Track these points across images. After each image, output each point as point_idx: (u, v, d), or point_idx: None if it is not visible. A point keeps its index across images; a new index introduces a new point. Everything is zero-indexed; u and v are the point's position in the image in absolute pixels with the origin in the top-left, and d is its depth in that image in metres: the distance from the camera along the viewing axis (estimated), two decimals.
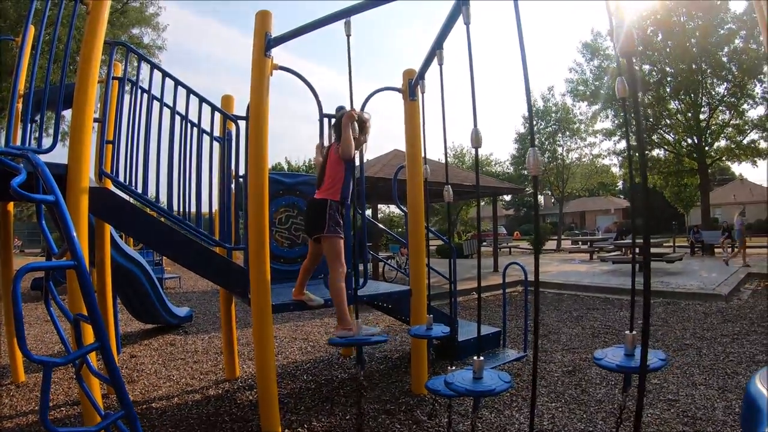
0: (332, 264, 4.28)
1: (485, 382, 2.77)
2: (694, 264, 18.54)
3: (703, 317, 9.26)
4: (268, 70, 4.50)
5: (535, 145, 2.12)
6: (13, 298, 2.66)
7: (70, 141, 4.22)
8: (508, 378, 2.80)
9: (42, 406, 2.62)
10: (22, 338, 2.73)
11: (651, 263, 13.14)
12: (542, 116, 39.78)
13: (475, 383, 2.76)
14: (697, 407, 4.88)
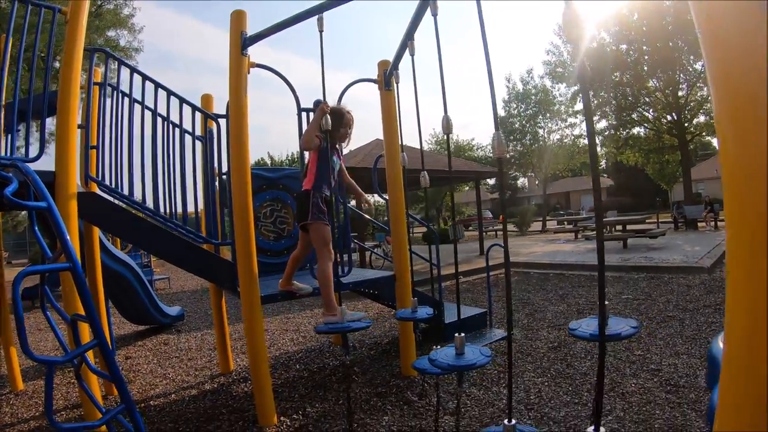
0: (319, 251, 4.40)
1: (467, 357, 2.90)
2: (677, 239, 18.74)
3: (686, 290, 9.41)
4: (245, 69, 4.59)
5: (499, 128, 2.23)
6: (14, 300, 2.77)
7: (56, 148, 4.29)
8: (489, 352, 2.92)
9: (47, 403, 2.73)
10: (24, 339, 2.82)
11: (634, 239, 13.32)
12: (522, 99, 39.87)
13: (458, 359, 2.89)
14: (680, 375, 5.01)
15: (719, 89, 1.38)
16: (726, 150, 1.36)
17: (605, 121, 30.46)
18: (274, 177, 6.79)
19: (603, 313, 1.85)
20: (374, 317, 9.22)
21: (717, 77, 1.39)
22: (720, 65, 1.39)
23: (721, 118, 1.37)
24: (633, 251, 15.15)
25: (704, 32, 1.43)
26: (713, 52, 1.41)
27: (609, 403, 4.48)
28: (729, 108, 1.35)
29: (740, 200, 1.32)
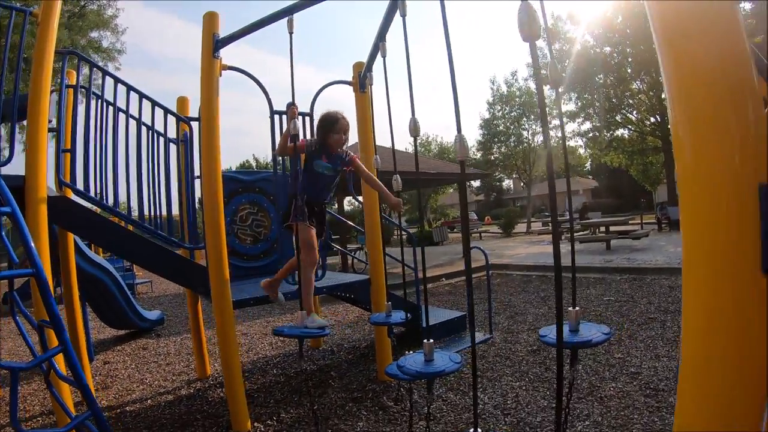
0: (301, 252, 4.32)
1: (436, 363, 2.86)
2: (661, 240, 18.81)
3: (668, 291, 9.43)
4: (217, 71, 4.55)
5: (461, 131, 2.20)
6: None
7: (27, 151, 4.23)
8: (459, 359, 2.89)
9: (11, 407, 2.68)
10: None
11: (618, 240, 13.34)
12: (506, 101, 40.00)
13: (426, 365, 2.85)
14: (660, 379, 5.00)
15: (675, 96, 1.36)
16: (683, 159, 1.34)
17: (589, 123, 30.60)
18: (249, 180, 6.74)
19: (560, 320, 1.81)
20: (354, 321, 9.20)
21: (673, 84, 1.37)
22: (677, 72, 1.36)
23: (677, 127, 1.34)
24: (616, 253, 15.20)
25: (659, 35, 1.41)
26: (670, 61, 1.39)
27: (587, 407, 4.46)
28: (686, 116, 1.33)
29: (695, 207, 1.31)
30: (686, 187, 1.33)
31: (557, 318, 1.81)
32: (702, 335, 1.30)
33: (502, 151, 41.27)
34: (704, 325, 1.29)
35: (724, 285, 1.23)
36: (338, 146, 4.28)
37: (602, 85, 27.78)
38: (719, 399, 1.24)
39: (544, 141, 1.94)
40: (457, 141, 2.21)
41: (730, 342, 1.22)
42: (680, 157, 1.34)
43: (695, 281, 1.33)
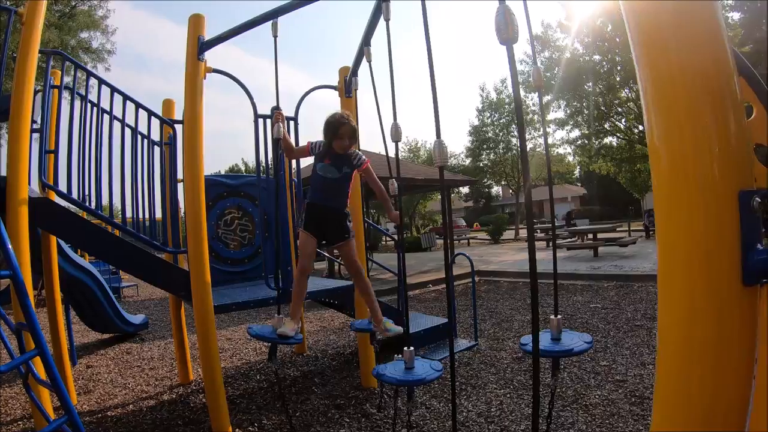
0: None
1: (416, 371, 2.84)
2: (648, 247, 18.87)
3: (654, 298, 9.32)
4: (201, 74, 4.52)
5: (441, 137, 2.18)
6: None
7: (8, 151, 4.18)
8: (440, 367, 2.87)
9: None
10: None
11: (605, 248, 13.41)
12: (496, 108, 40.18)
13: (406, 373, 2.83)
14: (645, 387, 4.99)
15: (651, 101, 1.34)
16: (658, 166, 1.32)
17: (578, 131, 30.70)
18: (235, 184, 6.69)
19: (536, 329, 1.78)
20: (339, 327, 9.17)
21: (649, 89, 1.35)
22: (653, 76, 1.34)
23: (653, 134, 1.32)
24: (604, 260, 15.24)
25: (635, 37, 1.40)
26: (645, 65, 1.37)
27: (572, 415, 4.46)
28: (663, 122, 1.31)
29: (671, 216, 1.29)
30: (662, 195, 1.31)
31: (533, 326, 1.79)
32: (679, 349, 1.28)
33: (491, 157, 41.44)
34: (681, 338, 1.27)
35: (702, 297, 1.20)
36: (343, 151, 3.95)
37: (591, 92, 27.89)
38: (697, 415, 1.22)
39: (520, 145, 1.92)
40: (435, 146, 2.19)
41: (708, 357, 1.19)
42: (656, 164, 1.32)
43: (671, 293, 1.30)
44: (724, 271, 1.18)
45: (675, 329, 1.29)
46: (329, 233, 4.11)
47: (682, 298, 1.25)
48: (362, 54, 4.10)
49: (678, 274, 1.27)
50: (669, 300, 1.31)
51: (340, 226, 4.07)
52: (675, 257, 1.27)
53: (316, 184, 4.03)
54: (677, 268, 1.27)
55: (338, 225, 4.07)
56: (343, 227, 4.06)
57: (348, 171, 4.01)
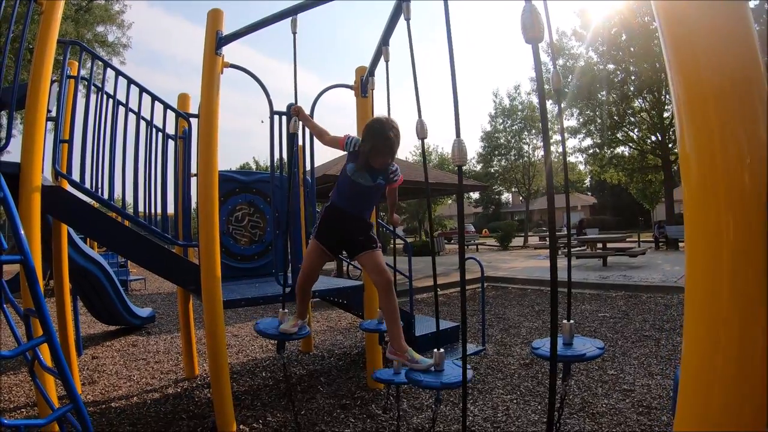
0: None
1: (447, 373, 2.85)
2: (657, 258, 18.79)
3: (663, 309, 9.39)
4: (218, 68, 4.51)
5: (460, 136, 2.16)
6: None
7: (23, 139, 4.20)
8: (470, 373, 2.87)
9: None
10: None
11: (614, 257, 13.32)
12: (508, 114, 40.11)
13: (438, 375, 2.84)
14: (653, 397, 4.96)
15: (683, 109, 1.32)
16: (689, 172, 1.30)
17: (590, 140, 30.61)
18: (247, 180, 6.71)
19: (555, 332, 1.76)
20: (346, 328, 9.17)
21: (681, 98, 1.33)
22: (684, 85, 1.33)
23: (684, 141, 1.30)
24: (613, 269, 15.17)
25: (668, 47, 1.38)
26: (677, 73, 1.35)
27: (578, 423, 4.42)
28: (694, 130, 1.29)
29: (700, 222, 1.27)
30: (692, 201, 1.30)
31: (552, 330, 1.77)
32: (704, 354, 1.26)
33: (502, 164, 41.38)
34: (706, 342, 1.25)
35: (729, 303, 1.19)
36: (379, 165, 3.44)
37: (604, 101, 27.82)
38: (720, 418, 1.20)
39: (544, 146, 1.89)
40: (455, 146, 2.16)
41: (733, 360, 1.17)
42: (686, 171, 1.31)
43: (698, 297, 1.29)
44: (750, 278, 1.16)
45: (701, 333, 1.27)
46: (351, 243, 3.67)
47: (709, 303, 1.24)
48: (380, 53, 4.08)
49: (705, 279, 1.25)
50: (695, 304, 1.30)
51: (365, 234, 3.61)
52: (703, 262, 1.25)
53: (344, 188, 3.60)
54: (705, 273, 1.25)
55: (362, 233, 3.61)
56: (369, 236, 3.60)
57: (382, 182, 3.57)
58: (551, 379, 1.83)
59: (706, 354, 1.24)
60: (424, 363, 3.07)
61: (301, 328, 3.74)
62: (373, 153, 3.33)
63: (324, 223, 3.63)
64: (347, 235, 3.62)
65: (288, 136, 4.07)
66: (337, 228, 3.61)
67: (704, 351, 1.25)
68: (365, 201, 3.63)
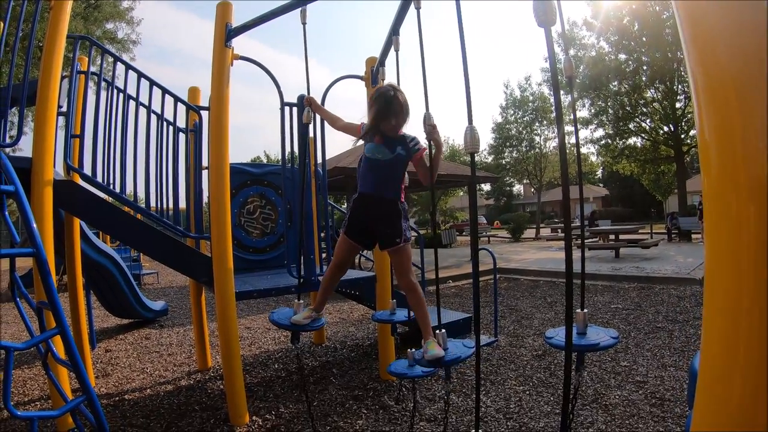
0: None
1: (451, 351, 2.89)
2: (670, 250, 18.67)
3: (676, 301, 9.34)
4: (228, 61, 4.53)
5: (473, 123, 2.15)
6: None
7: (34, 134, 4.25)
8: (472, 344, 2.87)
9: (4, 389, 2.65)
10: None
11: (627, 249, 13.25)
12: (519, 106, 39.89)
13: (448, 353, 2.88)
14: (666, 388, 4.93)
15: (702, 100, 1.30)
16: (709, 163, 1.28)
17: (602, 131, 30.43)
18: (258, 173, 6.72)
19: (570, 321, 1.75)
20: (358, 320, 9.18)
21: (700, 88, 1.31)
22: (704, 75, 1.30)
23: (704, 133, 1.28)
24: (625, 261, 15.09)
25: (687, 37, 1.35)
26: (697, 64, 1.33)
27: (591, 414, 4.40)
28: (714, 122, 1.27)
29: (720, 213, 1.25)
30: (712, 191, 1.27)
31: (567, 319, 1.75)
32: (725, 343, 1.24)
33: (514, 155, 41.19)
34: (727, 335, 1.23)
35: (750, 294, 1.17)
36: (395, 131, 3.36)
37: (616, 92, 27.64)
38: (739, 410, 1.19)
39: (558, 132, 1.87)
40: (467, 133, 2.15)
41: (755, 351, 1.15)
42: (706, 160, 1.28)
43: (718, 290, 1.27)
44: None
45: (721, 326, 1.25)
46: (376, 234, 3.50)
47: (730, 294, 1.21)
48: (390, 43, 4.05)
49: (726, 270, 1.23)
50: (716, 296, 1.28)
51: (391, 225, 3.39)
52: (723, 252, 1.23)
53: (364, 171, 3.48)
54: (726, 263, 1.23)
55: (388, 223, 3.39)
56: (395, 227, 3.37)
57: (402, 153, 3.37)
58: (566, 368, 1.82)
59: (727, 346, 1.22)
60: (431, 353, 2.95)
61: (315, 320, 3.66)
62: (378, 116, 3.29)
63: (350, 214, 3.53)
64: (372, 224, 3.46)
65: (299, 127, 4.05)
66: (362, 218, 3.47)
67: (725, 343, 1.23)
68: (386, 178, 3.41)
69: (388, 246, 3.41)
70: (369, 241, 3.60)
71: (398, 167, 3.40)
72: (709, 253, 1.29)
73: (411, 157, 3.38)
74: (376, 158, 3.38)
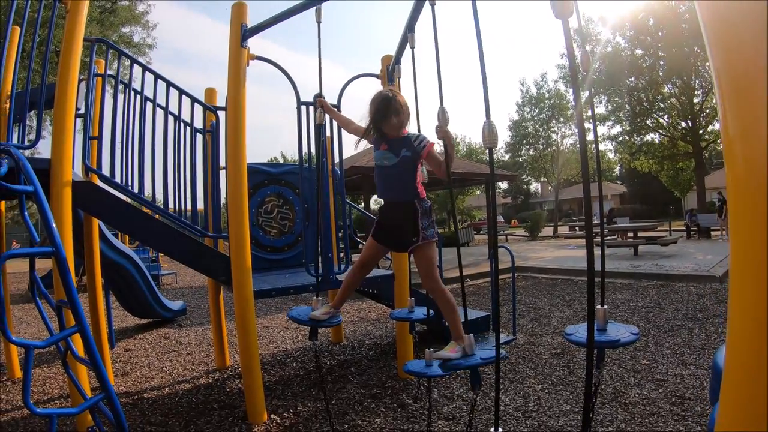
0: None
1: (477, 355, 2.92)
2: (689, 247, 18.52)
3: (696, 298, 9.25)
4: (244, 61, 4.56)
5: (490, 117, 2.14)
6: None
7: (53, 136, 4.30)
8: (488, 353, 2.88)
9: (24, 386, 2.68)
10: (4, 321, 2.80)
11: (645, 246, 13.13)
12: (536, 103, 39.72)
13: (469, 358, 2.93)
14: (686, 387, 4.88)
15: (727, 99, 1.28)
16: (733, 162, 1.26)
17: (619, 127, 30.26)
18: (275, 172, 6.74)
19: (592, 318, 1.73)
20: (376, 319, 9.20)
21: (724, 87, 1.29)
22: (728, 74, 1.28)
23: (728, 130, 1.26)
24: (644, 259, 14.98)
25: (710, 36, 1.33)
26: (721, 62, 1.31)
27: (611, 413, 4.36)
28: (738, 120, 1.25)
29: (746, 205, 1.22)
30: (737, 187, 1.25)
31: (588, 314, 1.74)
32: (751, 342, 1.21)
33: (531, 153, 41.04)
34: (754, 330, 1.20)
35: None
36: (398, 130, 3.36)
37: (633, 88, 27.46)
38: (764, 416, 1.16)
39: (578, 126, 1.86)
40: (485, 127, 2.14)
41: None
42: (731, 156, 1.26)
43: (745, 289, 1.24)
44: None
45: (746, 322, 1.23)
46: (398, 235, 3.45)
47: (756, 291, 1.19)
48: (406, 41, 4.04)
49: (752, 267, 1.21)
50: (741, 293, 1.25)
51: (408, 225, 3.34)
52: (749, 249, 1.21)
53: (376, 177, 3.49)
54: (751, 260, 1.21)
55: (405, 223, 3.35)
56: (412, 226, 3.32)
57: (408, 155, 3.32)
58: (588, 364, 1.80)
59: (752, 343, 1.20)
60: (442, 354, 3.04)
61: (333, 317, 3.65)
62: (378, 118, 3.32)
63: (377, 218, 3.55)
64: (392, 227, 3.45)
65: (315, 126, 4.06)
66: (384, 222, 3.48)
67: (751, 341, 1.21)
68: (396, 182, 3.38)
69: (407, 246, 3.37)
70: (392, 243, 3.58)
71: (406, 169, 3.36)
72: (734, 250, 1.27)
73: (419, 155, 3.34)
74: (383, 164, 3.39)
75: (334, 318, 3.69)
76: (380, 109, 3.31)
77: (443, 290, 3.33)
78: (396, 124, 3.33)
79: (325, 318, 3.58)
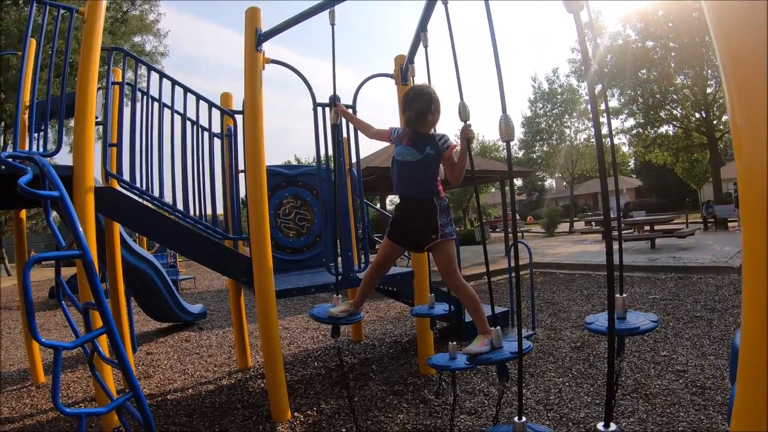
0: None
1: (507, 348, 3.00)
2: (707, 239, 18.35)
3: (714, 290, 9.19)
4: (260, 65, 4.62)
5: (506, 111, 2.17)
6: (23, 285, 2.80)
7: (74, 143, 4.39)
8: (528, 344, 2.93)
9: (53, 387, 2.74)
10: (33, 324, 2.86)
11: (662, 239, 13.03)
12: (548, 98, 39.50)
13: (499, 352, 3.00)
14: (706, 377, 4.88)
15: (734, 92, 1.31)
16: (740, 146, 1.29)
17: (633, 120, 30.06)
18: (292, 174, 6.81)
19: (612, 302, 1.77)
20: (395, 317, 9.23)
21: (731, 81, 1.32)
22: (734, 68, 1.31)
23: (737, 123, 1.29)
24: (661, 251, 14.88)
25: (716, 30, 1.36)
26: (727, 57, 1.34)
27: (632, 404, 4.38)
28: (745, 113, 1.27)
29: (756, 199, 1.25)
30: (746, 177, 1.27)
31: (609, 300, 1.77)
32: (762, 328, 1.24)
33: (545, 149, 40.83)
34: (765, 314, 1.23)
35: None
36: (430, 128, 3.38)
37: (645, 80, 27.27)
38: None
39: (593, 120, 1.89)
40: (501, 121, 2.17)
41: None
42: (739, 145, 1.29)
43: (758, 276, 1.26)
44: None
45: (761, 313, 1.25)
46: (414, 233, 3.42)
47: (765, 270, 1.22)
48: (419, 40, 4.08)
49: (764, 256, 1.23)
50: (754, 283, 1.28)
51: (426, 222, 3.32)
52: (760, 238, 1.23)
53: (395, 174, 3.45)
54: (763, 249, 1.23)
55: (423, 221, 3.33)
56: (431, 223, 3.29)
57: (431, 153, 3.31)
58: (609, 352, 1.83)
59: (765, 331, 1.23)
60: (472, 349, 3.05)
61: (353, 314, 3.66)
62: (418, 116, 3.29)
63: (392, 217, 3.55)
64: (409, 225, 3.41)
65: (331, 127, 4.11)
66: (401, 220, 3.47)
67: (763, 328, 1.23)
68: (418, 178, 3.35)
69: (424, 244, 3.36)
70: (409, 241, 3.55)
71: (429, 166, 3.35)
72: (746, 239, 1.29)
73: (441, 154, 3.34)
74: (405, 160, 3.36)
75: (354, 315, 3.71)
76: (423, 107, 3.29)
77: (465, 286, 3.30)
78: (431, 122, 3.34)
79: (343, 315, 3.61)
